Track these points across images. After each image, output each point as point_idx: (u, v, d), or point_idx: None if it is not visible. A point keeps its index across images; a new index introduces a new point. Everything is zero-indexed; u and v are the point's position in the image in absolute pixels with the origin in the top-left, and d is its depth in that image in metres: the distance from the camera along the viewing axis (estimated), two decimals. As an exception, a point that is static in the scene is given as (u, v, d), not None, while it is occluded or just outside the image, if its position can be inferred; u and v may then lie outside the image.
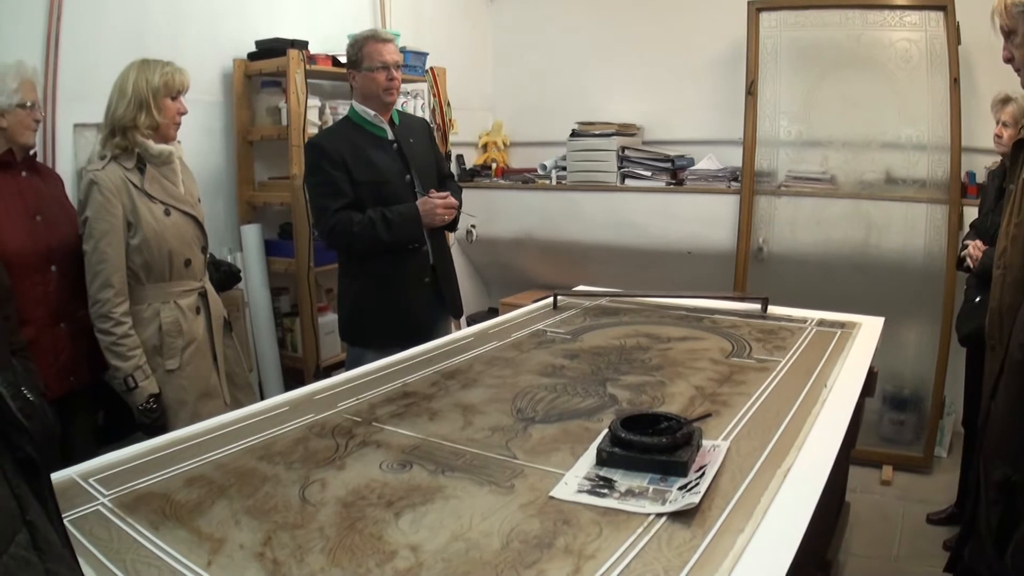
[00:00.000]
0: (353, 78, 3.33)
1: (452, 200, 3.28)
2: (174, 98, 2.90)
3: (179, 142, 3.03)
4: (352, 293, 3.39)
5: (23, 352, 2.53)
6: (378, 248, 3.19)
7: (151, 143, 2.85)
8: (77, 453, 2.25)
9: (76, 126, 3.39)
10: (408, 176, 3.30)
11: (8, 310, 2.49)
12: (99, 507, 1.55)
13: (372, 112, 3.30)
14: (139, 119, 2.81)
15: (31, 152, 2.80)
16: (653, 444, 1.61)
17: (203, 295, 3.04)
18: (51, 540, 0.89)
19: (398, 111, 3.43)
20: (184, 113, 2.97)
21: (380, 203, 3.19)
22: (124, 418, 3.03)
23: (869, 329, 2.83)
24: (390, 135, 3.31)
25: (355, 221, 3.15)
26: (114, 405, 3.11)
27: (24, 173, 2.75)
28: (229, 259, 4.01)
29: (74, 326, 2.82)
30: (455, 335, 2.84)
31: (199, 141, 3.88)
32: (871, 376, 2.48)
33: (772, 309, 3.12)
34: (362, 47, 3.28)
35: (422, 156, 3.39)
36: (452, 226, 3.46)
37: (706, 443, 1.72)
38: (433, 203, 3.22)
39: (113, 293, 2.75)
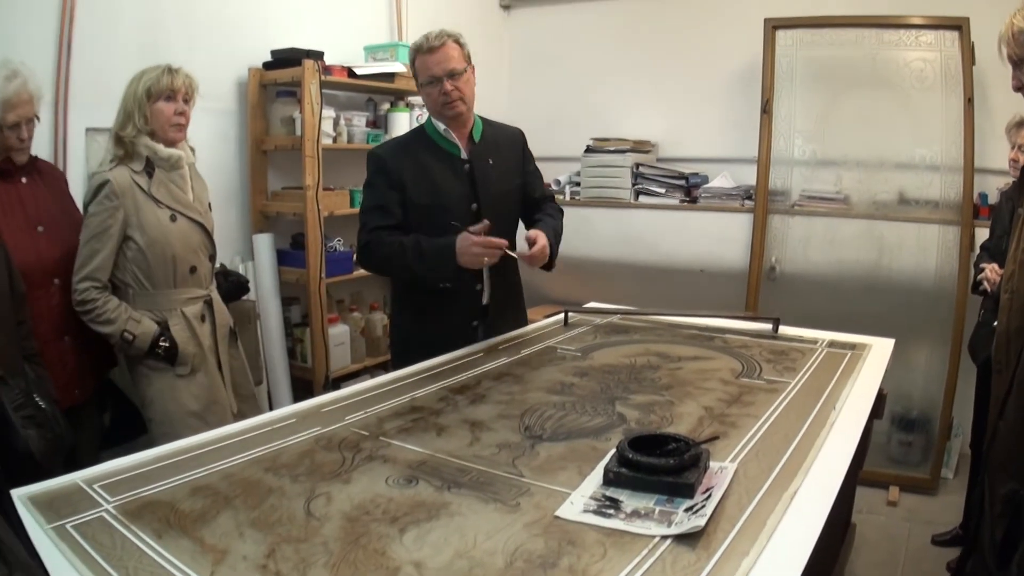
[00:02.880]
0: (420, 94, 3.01)
1: (493, 241, 2.63)
2: (168, 99, 2.86)
3: (192, 149, 3.03)
4: (400, 322, 3.09)
5: (36, 359, 2.54)
6: (410, 277, 2.85)
7: (160, 147, 2.86)
8: (82, 463, 2.26)
9: (88, 130, 3.41)
10: (475, 204, 2.89)
11: (23, 315, 2.51)
12: (103, 513, 1.56)
13: (443, 126, 2.92)
14: (127, 129, 2.83)
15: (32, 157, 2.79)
16: (660, 465, 1.61)
17: (208, 303, 3.04)
18: (16, 550, 0.89)
19: (484, 120, 3.05)
20: (181, 113, 2.90)
21: (435, 230, 2.74)
22: (131, 420, 3.04)
23: (879, 351, 2.81)
24: (463, 154, 2.92)
25: (386, 243, 2.82)
26: (121, 406, 3.13)
27: (24, 179, 2.75)
28: (241, 268, 4.02)
29: (78, 338, 2.83)
30: (464, 350, 2.83)
31: (213, 149, 3.90)
32: (880, 398, 2.47)
33: (783, 329, 3.11)
34: (413, 61, 2.88)
35: (502, 180, 2.98)
36: (548, 265, 2.92)
37: (713, 465, 1.72)
38: (470, 240, 2.63)
39: (95, 288, 2.76)
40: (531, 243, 2.78)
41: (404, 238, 2.79)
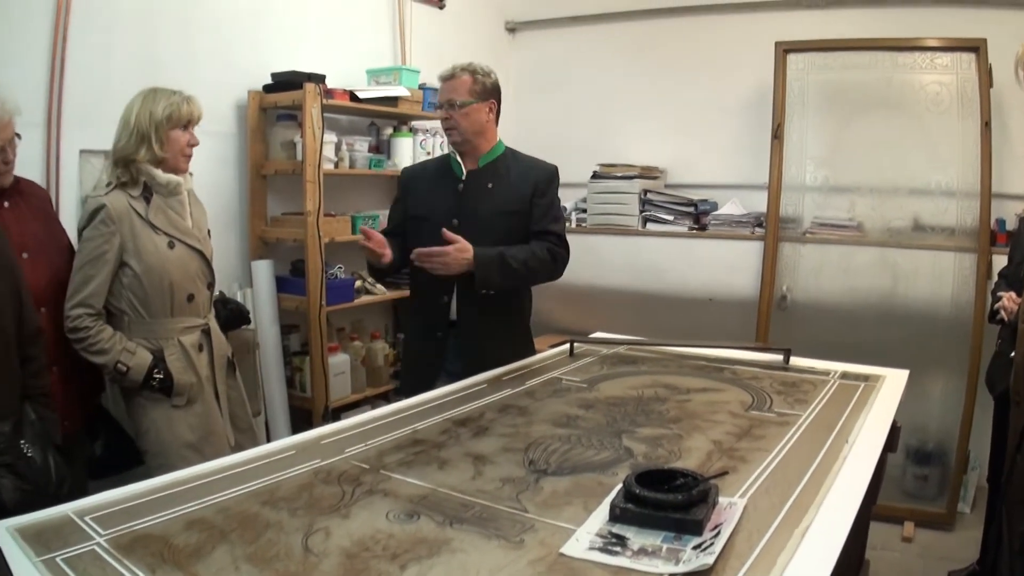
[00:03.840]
0: None
1: (363, 229, 3.10)
2: (185, 128, 2.90)
3: (191, 174, 3.02)
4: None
5: (43, 399, 2.51)
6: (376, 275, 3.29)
7: (159, 172, 2.85)
8: (72, 494, 2.24)
9: (82, 152, 3.41)
10: (455, 220, 3.09)
11: (33, 351, 2.48)
12: (95, 547, 1.56)
13: (452, 149, 3.28)
14: (140, 152, 2.81)
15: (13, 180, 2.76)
16: (668, 501, 1.61)
17: (206, 333, 3.03)
18: None
19: (511, 152, 3.30)
20: (195, 144, 2.96)
21: (420, 240, 3.02)
22: (124, 449, 3.03)
23: (893, 382, 2.81)
24: (464, 174, 3.19)
25: None
26: (113, 435, 3.11)
27: (7, 203, 2.71)
28: (239, 295, 4.02)
29: (66, 368, 2.80)
30: (467, 381, 2.83)
31: (211, 173, 3.90)
32: (894, 431, 2.46)
33: (795, 360, 3.11)
34: None
35: (497, 204, 3.15)
36: (473, 282, 2.99)
37: (722, 500, 1.72)
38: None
39: (89, 315, 2.74)
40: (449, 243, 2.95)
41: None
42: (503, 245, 3.04)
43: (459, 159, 3.20)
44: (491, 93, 3.19)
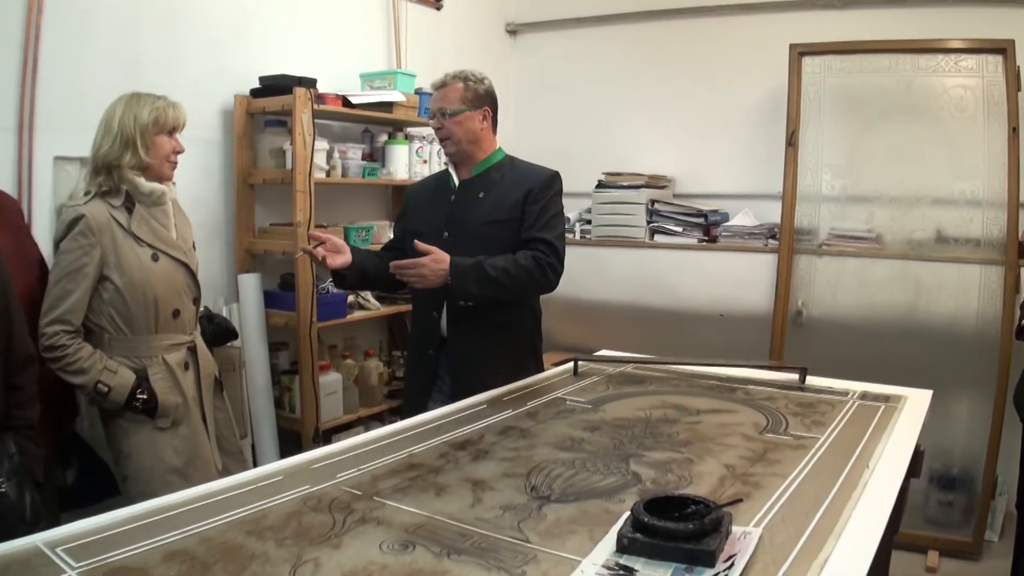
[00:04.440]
0: None
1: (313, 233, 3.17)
2: (170, 134, 2.90)
3: (174, 183, 3.02)
4: None
5: (28, 431, 2.48)
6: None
7: (142, 180, 2.85)
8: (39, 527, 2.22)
9: (56, 159, 3.40)
10: (446, 233, 3.15)
11: (20, 380, 2.45)
12: (67, 582, 1.54)
13: (449, 161, 3.31)
14: (124, 158, 2.81)
15: None
16: (678, 531, 1.59)
17: (192, 350, 3.03)
18: None
19: (509, 159, 3.31)
20: (180, 151, 2.97)
21: (409, 255, 3.03)
22: (98, 477, 3.01)
23: (916, 403, 2.80)
24: (456, 185, 3.24)
25: None
26: (86, 462, 3.09)
27: None
28: (224, 311, 4.02)
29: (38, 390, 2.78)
30: (466, 401, 2.82)
31: (195, 182, 3.90)
32: (917, 455, 2.44)
33: (811, 380, 3.10)
34: None
35: (484, 212, 3.17)
36: (450, 291, 3.01)
37: (736, 530, 1.70)
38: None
39: (66, 332, 2.72)
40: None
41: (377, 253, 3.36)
42: (488, 255, 3.03)
43: (452, 170, 3.27)
44: (484, 100, 3.21)
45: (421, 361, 3.26)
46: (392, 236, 3.51)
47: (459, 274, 2.94)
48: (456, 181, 3.24)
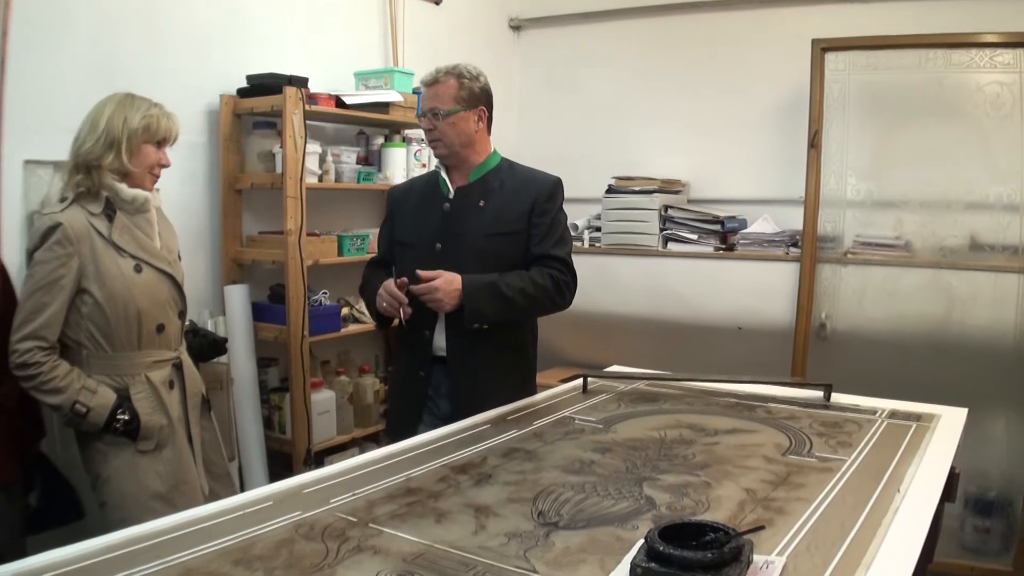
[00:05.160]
0: None
1: (393, 292, 2.94)
2: (158, 145, 2.90)
3: (158, 189, 3.02)
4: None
5: None
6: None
7: (123, 186, 2.84)
8: (3, 554, 2.21)
9: (27, 163, 3.37)
10: (439, 244, 3.10)
11: None
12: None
13: (441, 164, 3.24)
14: (106, 159, 2.79)
15: None
16: (696, 560, 1.58)
17: (178, 367, 3.02)
18: None
19: (508, 163, 3.27)
20: (166, 165, 2.96)
21: (403, 269, 3.10)
22: (64, 500, 2.99)
23: (950, 422, 2.79)
24: (451, 192, 3.16)
25: (364, 279, 3.36)
26: (51, 484, 3.07)
27: None
28: (209, 324, 4.01)
29: (2, 410, 2.77)
30: (467, 421, 2.81)
31: (178, 187, 3.90)
32: (952, 478, 2.43)
33: (836, 397, 3.10)
34: None
35: (485, 223, 3.10)
36: (461, 315, 2.97)
37: (757, 559, 1.69)
38: (384, 287, 3.00)
39: (41, 349, 2.70)
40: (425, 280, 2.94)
41: (375, 272, 3.31)
42: (494, 271, 2.99)
43: (445, 175, 3.19)
44: (480, 99, 3.14)
45: (410, 383, 3.20)
46: (378, 249, 3.44)
47: (473, 295, 2.91)
48: (450, 187, 3.17)
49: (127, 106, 2.84)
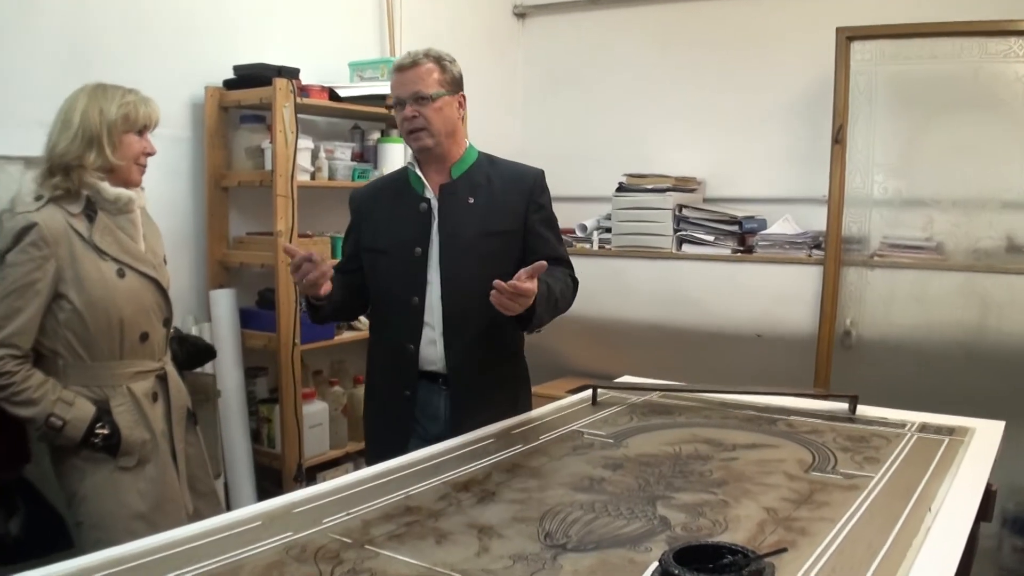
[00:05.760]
0: None
1: (289, 248, 2.83)
2: (140, 133, 2.88)
3: (143, 188, 3.00)
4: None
5: None
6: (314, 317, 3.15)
7: (106, 185, 2.81)
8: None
9: None
10: (419, 248, 3.04)
11: None
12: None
13: (411, 159, 3.16)
14: (87, 158, 2.76)
15: None
16: (714, 584, 1.59)
17: (162, 378, 3.01)
18: None
19: (487, 157, 3.22)
20: (151, 153, 2.95)
21: (379, 278, 3.11)
22: (50, 528, 2.98)
23: (985, 436, 2.79)
24: (428, 192, 3.07)
25: None
26: (35, 510, 3.06)
27: None
28: (194, 331, 4.01)
29: None
30: (470, 435, 2.81)
31: (161, 185, 3.85)
32: (988, 496, 2.43)
33: (862, 409, 3.09)
34: (390, 81, 3.10)
35: (480, 222, 3.06)
36: (523, 323, 2.90)
37: (780, 583, 1.69)
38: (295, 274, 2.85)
39: (13, 357, 2.68)
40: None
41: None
42: (493, 273, 2.83)
43: (419, 172, 3.10)
44: (460, 84, 3.10)
45: (393, 404, 3.11)
46: (343, 257, 3.32)
47: (540, 302, 2.82)
48: (426, 184, 3.08)
49: (100, 97, 2.82)
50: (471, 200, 3.07)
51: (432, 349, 3.05)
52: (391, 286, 3.07)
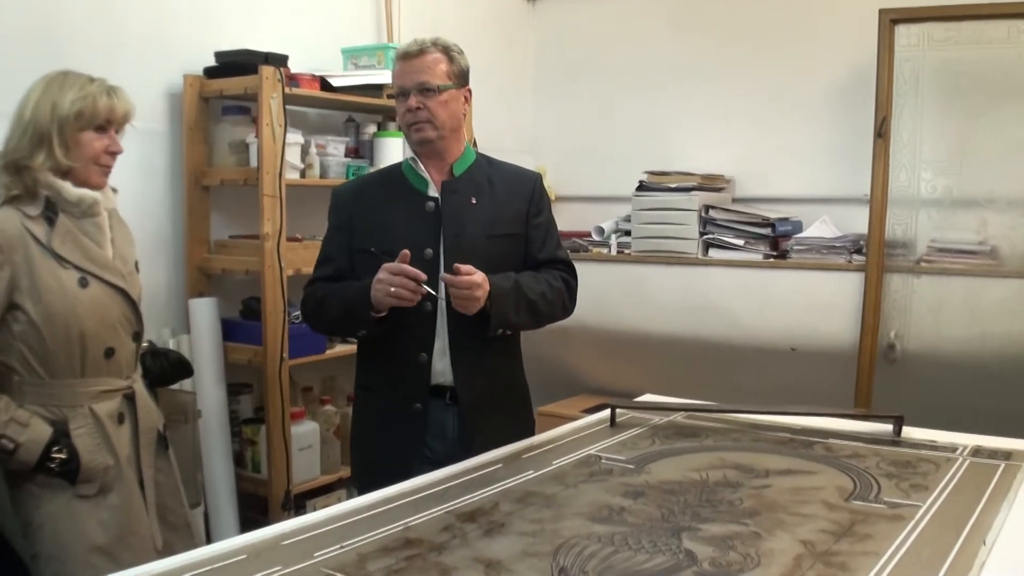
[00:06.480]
0: None
1: (403, 268, 2.84)
2: (100, 130, 2.83)
3: (113, 189, 3.00)
4: (354, 408, 3.42)
5: None
6: (339, 334, 3.31)
7: (67, 185, 2.78)
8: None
9: None
10: (430, 250, 3.06)
11: None
12: None
13: (411, 154, 3.21)
14: (36, 159, 2.73)
15: None
16: (746, 625, 1.58)
17: (130, 398, 2.99)
18: None
19: (485, 158, 3.30)
20: (116, 152, 2.91)
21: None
22: (7, 566, 2.98)
23: (1045, 461, 2.78)
24: (432, 190, 3.13)
25: (318, 292, 3.18)
26: None
27: None
28: (172, 344, 4.01)
29: None
30: (475, 461, 2.81)
31: (135, 183, 3.88)
32: (1049, 528, 2.43)
33: (908, 431, 3.08)
34: (394, 68, 3.16)
35: (484, 224, 3.13)
36: (481, 320, 2.98)
37: (819, 624, 1.69)
38: (385, 274, 2.87)
39: None
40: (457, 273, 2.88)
41: (325, 287, 3.16)
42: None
43: (422, 170, 3.15)
44: (467, 78, 3.17)
45: (401, 419, 3.12)
46: (325, 264, 3.26)
47: (499, 296, 2.93)
48: (430, 182, 3.14)
49: (56, 88, 2.78)
50: (474, 200, 3.14)
51: (440, 360, 3.08)
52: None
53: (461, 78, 3.10)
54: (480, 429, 3.06)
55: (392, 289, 2.83)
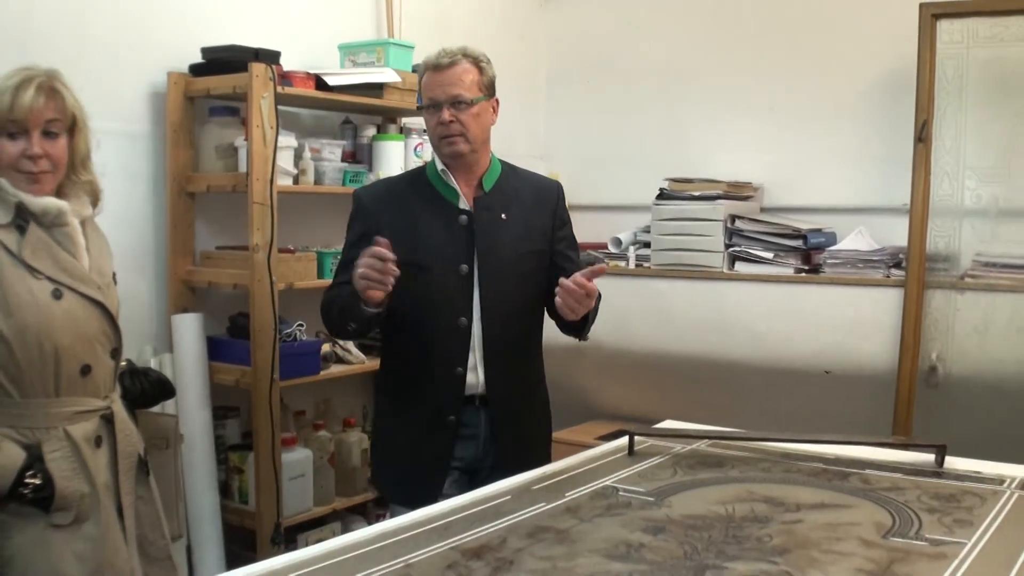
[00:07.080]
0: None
1: (379, 251, 2.89)
2: (13, 136, 2.72)
3: (97, 198, 2.99)
4: (377, 412, 3.63)
5: None
6: (346, 336, 3.59)
7: (29, 195, 2.75)
8: None
9: None
10: (465, 266, 3.22)
11: None
12: None
13: (441, 165, 3.29)
14: None
15: None
16: (776, 674, 1.58)
17: (108, 420, 2.97)
18: None
19: (508, 167, 3.43)
20: (35, 156, 2.75)
21: (419, 297, 3.19)
22: None
23: (1101, 494, 2.77)
24: (464, 203, 3.26)
25: (326, 299, 3.34)
26: None
27: None
28: (153, 363, 4.01)
29: None
30: (480, 492, 2.80)
31: (113, 190, 3.74)
32: (1104, 568, 2.42)
33: (951, 461, 3.07)
34: (421, 77, 3.31)
35: (517, 241, 3.31)
36: (579, 329, 3.34)
37: (856, 673, 1.68)
38: (365, 261, 2.93)
39: None
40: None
41: (337, 290, 3.27)
42: (528, 294, 3.28)
43: (451, 179, 3.27)
44: (494, 88, 3.30)
45: (434, 429, 3.26)
46: (348, 264, 3.22)
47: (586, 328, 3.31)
48: (461, 195, 3.26)
49: None
50: (503, 216, 3.31)
51: (473, 372, 3.26)
52: (437, 306, 3.21)
53: (490, 88, 3.25)
54: (509, 429, 3.29)
55: (361, 271, 2.92)
